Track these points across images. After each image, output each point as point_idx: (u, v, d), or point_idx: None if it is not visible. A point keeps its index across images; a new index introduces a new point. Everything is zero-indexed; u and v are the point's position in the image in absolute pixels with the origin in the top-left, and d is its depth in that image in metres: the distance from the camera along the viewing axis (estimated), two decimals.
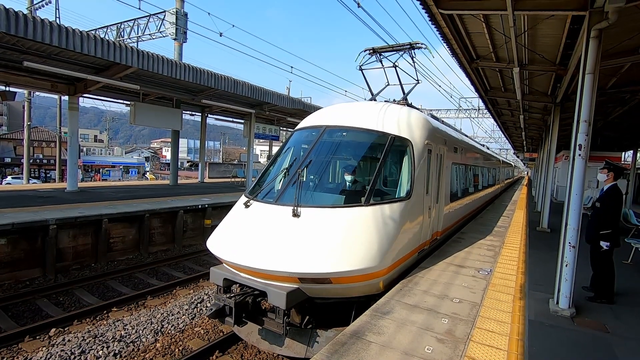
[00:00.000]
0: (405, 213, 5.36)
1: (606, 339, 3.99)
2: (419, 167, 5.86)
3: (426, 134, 6.27)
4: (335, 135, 6.03)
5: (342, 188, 5.73)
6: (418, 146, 5.93)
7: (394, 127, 5.83)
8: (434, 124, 7.10)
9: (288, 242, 4.61)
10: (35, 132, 40.09)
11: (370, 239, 4.76)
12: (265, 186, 5.72)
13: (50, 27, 9.21)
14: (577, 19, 5.56)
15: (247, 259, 4.54)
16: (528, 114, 14.13)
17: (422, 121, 6.41)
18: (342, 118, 6.16)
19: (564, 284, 4.52)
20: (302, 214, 4.85)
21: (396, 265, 5.23)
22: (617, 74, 7.69)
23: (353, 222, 4.83)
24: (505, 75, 9.57)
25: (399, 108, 6.41)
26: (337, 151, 6.12)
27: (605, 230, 4.83)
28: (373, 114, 6.08)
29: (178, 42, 18.13)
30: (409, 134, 5.88)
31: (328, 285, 4.55)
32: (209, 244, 5.17)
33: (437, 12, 5.77)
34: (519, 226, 11.09)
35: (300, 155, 5.92)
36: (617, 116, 11.39)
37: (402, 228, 5.25)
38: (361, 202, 5.06)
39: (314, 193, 5.38)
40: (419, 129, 6.14)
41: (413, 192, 5.58)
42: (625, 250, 7.71)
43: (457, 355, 3.43)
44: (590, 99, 4.30)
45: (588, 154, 4.37)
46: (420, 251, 6.32)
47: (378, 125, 5.81)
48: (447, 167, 7.80)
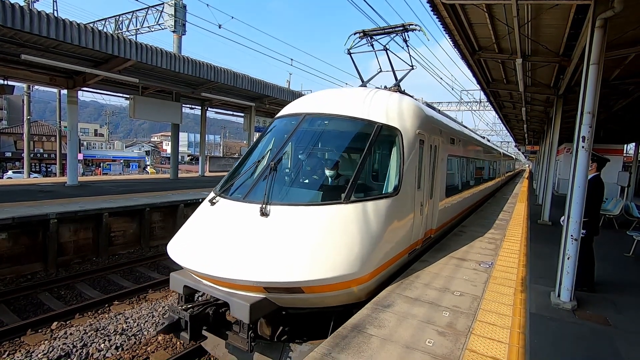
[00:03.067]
0: (393, 211, 4.88)
1: (607, 332, 3.98)
2: (410, 159, 5.36)
3: (418, 123, 5.75)
4: (316, 123, 5.49)
5: (321, 183, 5.12)
6: (408, 136, 5.40)
7: (382, 115, 5.27)
8: (427, 112, 6.54)
9: (253, 245, 4.06)
10: (35, 127, 40.02)
11: (349, 242, 4.24)
12: (236, 181, 5.08)
13: (48, 19, 9.12)
14: (581, 8, 5.46)
15: (206, 266, 3.99)
16: (530, 106, 14.03)
17: (414, 109, 5.85)
18: (324, 105, 5.59)
19: (566, 276, 4.50)
20: (271, 212, 4.30)
21: (381, 269, 4.72)
22: (621, 66, 7.60)
23: (330, 222, 4.29)
24: (508, 66, 9.47)
25: (388, 94, 5.85)
26: (317, 141, 5.53)
27: (584, 219, 4.85)
28: (359, 100, 5.52)
29: (177, 34, 17.97)
30: (398, 123, 5.35)
31: (300, 294, 4.06)
32: (169, 248, 4.56)
33: (439, 3, 5.68)
34: (520, 219, 11.07)
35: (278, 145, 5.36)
36: (620, 108, 11.29)
37: (389, 227, 4.77)
38: (340, 199, 4.49)
39: (288, 189, 4.85)
40: (410, 117, 5.60)
41: (402, 187, 5.09)
42: (627, 243, 7.69)
43: (458, 348, 3.42)
44: (594, 90, 4.23)
45: (591, 146, 4.32)
46: (412, 251, 5.88)
47: (363, 113, 5.25)
48: (443, 159, 7.30)
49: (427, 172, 6.26)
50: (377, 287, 4.88)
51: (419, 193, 5.78)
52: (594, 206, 4.99)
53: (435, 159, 6.81)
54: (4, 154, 39.82)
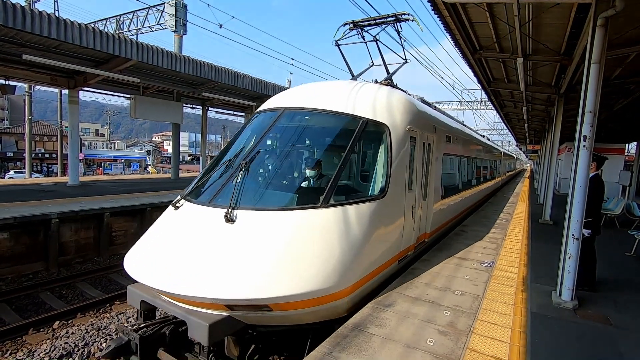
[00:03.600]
0: (379, 215, 4.45)
1: (609, 331, 3.98)
2: (399, 158, 4.94)
3: (409, 119, 5.31)
4: (295, 119, 5.08)
5: (297, 185, 4.73)
6: (397, 132, 4.98)
7: (368, 110, 4.87)
8: (419, 108, 6.13)
9: (214, 256, 3.64)
10: (36, 127, 40.10)
11: (326, 251, 3.80)
12: (205, 182, 4.66)
13: (49, 19, 9.13)
14: (583, 7, 5.45)
15: (160, 281, 3.52)
16: (531, 106, 14.00)
17: (404, 103, 5.43)
18: (306, 99, 5.17)
19: (567, 276, 4.49)
20: (238, 218, 3.87)
21: (364, 281, 4.27)
22: (622, 65, 7.58)
23: (303, 229, 3.86)
24: (509, 66, 9.45)
25: (376, 88, 5.43)
26: (296, 138, 5.09)
27: (587, 219, 4.84)
28: (343, 93, 5.12)
29: (178, 34, 17.99)
30: (386, 118, 4.93)
31: (269, 312, 3.62)
32: (125, 259, 4.06)
33: (440, 2, 5.68)
34: (521, 218, 11.05)
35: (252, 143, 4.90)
36: (621, 107, 11.27)
37: (374, 234, 4.35)
38: (318, 202, 4.04)
39: (259, 191, 4.41)
40: (399, 112, 5.18)
41: (389, 189, 4.65)
42: (629, 242, 7.68)
43: (459, 348, 3.42)
44: (595, 89, 4.23)
45: (593, 145, 4.31)
46: (402, 258, 5.44)
47: (348, 107, 4.84)
48: (438, 158, 6.91)
49: (420, 172, 5.87)
50: (361, 300, 4.38)
51: (410, 195, 5.40)
52: (594, 205, 5.00)
53: (429, 157, 6.43)
54: (6, 154, 39.91)
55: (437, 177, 6.85)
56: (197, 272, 3.49)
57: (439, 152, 7.00)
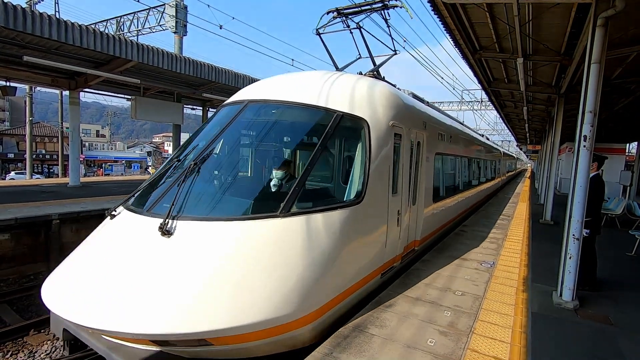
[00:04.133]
0: (354, 223, 3.91)
1: (610, 332, 3.97)
2: (380, 157, 4.41)
3: (392, 113, 4.79)
4: (260, 113, 4.52)
5: (258, 189, 4.17)
6: (378, 128, 4.45)
7: (344, 102, 4.34)
8: (406, 101, 5.56)
9: (142, 279, 2.98)
10: (37, 128, 40.17)
11: (283, 270, 3.22)
12: (152, 186, 4.05)
13: (49, 21, 9.15)
14: (582, 7, 5.45)
15: (76, 311, 2.85)
16: (531, 106, 13.99)
17: (387, 96, 4.90)
18: (274, 90, 4.66)
19: (567, 276, 4.49)
20: (177, 230, 3.25)
21: (336, 302, 3.72)
22: (622, 64, 7.57)
23: (254, 244, 3.27)
24: (509, 66, 9.45)
25: (355, 79, 4.90)
26: (259, 135, 4.59)
27: (586, 218, 4.84)
28: (316, 85, 4.56)
29: (178, 35, 18.01)
30: (365, 112, 4.40)
31: (210, 347, 3.08)
32: (44, 285, 3.26)
33: (440, 2, 5.68)
34: (522, 219, 11.05)
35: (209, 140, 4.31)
36: (622, 107, 11.26)
37: (348, 246, 3.81)
38: (276, 210, 3.44)
39: (209, 197, 3.81)
40: (382, 105, 4.68)
41: (367, 193, 4.10)
42: (630, 242, 7.67)
43: (460, 348, 3.42)
44: (595, 89, 4.23)
45: (593, 145, 4.31)
46: (387, 271, 4.94)
47: (320, 100, 4.30)
48: (429, 158, 6.45)
49: (407, 173, 5.38)
50: (333, 325, 3.82)
51: (394, 199, 4.87)
52: (595, 205, 5.00)
53: (419, 157, 5.95)
54: (7, 155, 39.98)
55: (428, 178, 6.39)
56: (119, 301, 2.85)
57: (431, 151, 6.57)
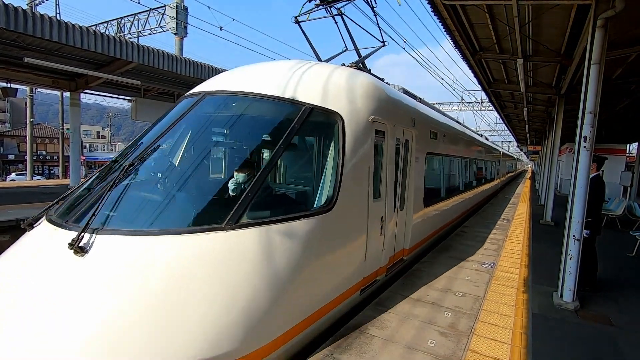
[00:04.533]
0: (323, 235, 3.39)
1: (610, 332, 3.97)
2: (356, 157, 3.88)
3: (373, 107, 4.27)
4: (217, 106, 4.01)
5: (209, 195, 3.49)
6: (355, 124, 3.92)
7: (315, 94, 3.81)
8: (390, 95, 5.01)
9: (40, 314, 2.35)
10: (38, 129, 40.24)
11: (226, 298, 2.61)
12: (84, 192, 3.49)
13: (50, 22, 9.17)
14: (582, 8, 5.46)
15: None
16: (532, 106, 14.00)
17: (368, 88, 4.35)
18: (237, 81, 4.11)
19: (568, 277, 4.49)
20: (93, 248, 2.63)
21: (299, 330, 3.14)
22: (623, 65, 7.58)
23: (189, 264, 2.64)
24: (509, 67, 9.46)
25: (331, 69, 4.32)
26: (215, 132, 4.04)
27: (586, 219, 4.85)
28: (285, 74, 4.00)
29: (179, 36, 18.05)
30: (340, 105, 3.88)
31: None
32: None
33: (440, 3, 5.69)
34: (523, 219, 11.04)
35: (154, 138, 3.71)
36: (622, 108, 11.26)
37: (315, 263, 3.29)
38: (221, 221, 2.82)
39: (144, 205, 3.21)
40: (361, 98, 4.14)
41: (340, 198, 3.54)
42: (630, 242, 7.66)
43: (460, 349, 3.42)
44: (595, 89, 4.23)
45: (593, 146, 4.32)
46: (369, 285, 4.42)
47: (287, 91, 3.76)
48: (419, 158, 5.99)
49: (392, 174, 4.87)
50: (300, 353, 3.30)
51: (376, 205, 4.37)
52: (595, 206, 5.00)
53: (407, 157, 5.52)
54: (7, 157, 40.07)
55: (418, 181, 5.96)
56: (14, 341, 2.25)
57: (421, 150, 6.12)
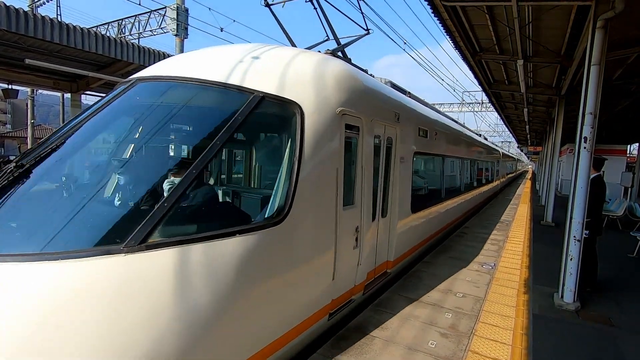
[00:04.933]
0: (270, 254, 2.69)
1: (611, 333, 3.97)
2: (320, 156, 3.18)
3: (344, 98, 3.58)
4: (149, 94, 3.32)
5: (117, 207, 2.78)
6: (319, 116, 3.22)
7: (270, 81, 3.13)
8: (368, 84, 4.28)
9: None
10: (39, 130, 40.23)
11: (119, 344, 1.97)
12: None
13: (51, 24, 9.20)
14: (582, 9, 5.47)
15: None
16: (532, 107, 14.01)
17: (340, 76, 3.67)
18: (179, 66, 3.42)
19: (569, 277, 4.49)
20: None
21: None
22: (623, 66, 7.58)
23: (68, 305, 1.95)
24: (509, 67, 9.47)
25: (295, 53, 3.63)
26: (143, 125, 3.13)
27: (586, 219, 4.85)
28: (236, 58, 3.30)
29: (179, 38, 18.05)
30: (300, 94, 3.19)
31: None
32: None
33: (440, 4, 5.70)
34: (523, 220, 11.04)
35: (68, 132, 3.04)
36: (623, 108, 11.26)
37: (256, 292, 2.58)
38: (121, 241, 2.16)
39: (31, 217, 2.56)
40: (330, 87, 3.46)
41: (296, 207, 2.86)
42: (631, 243, 7.65)
43: (461, 350, 3.42)
44: (595, 90, 4.24)
45: (593, 147, 4.32)
46: (341, 307, 3.79)
47: (234, 76, 3.06)
48: (405, 158, 5.36)
49: (369, 177, 4.18)
50: None
51: (348, 213, 3.72)
52: (594, 206, 5.00)
53: (391, 157, 4.94)
54: (8, 158, 40.08)
55: (404, 184, 5.33)
56: None
57: (408, 150, 5.48)
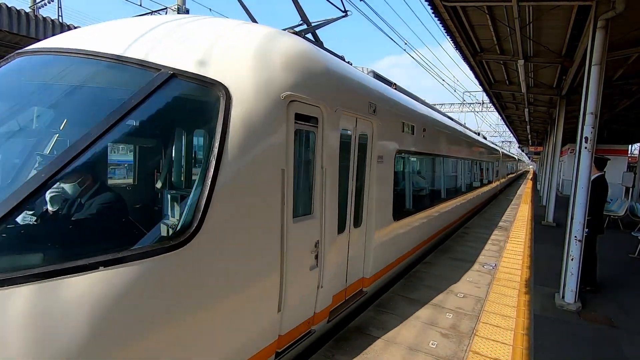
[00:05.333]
0: (165, 291, 2.02)
1: (612, 333, 3.96)
2: (254, 153, 2.50)
3: (294, 81, 2.82)
4: (30, 71, 2.69)
5: None
6: (255, 102, 2.52)
7: (187, 56, 2.44)
8: (332, 68, 3.46)
9: None
10: None
11: None
12: None
13: (53, 25, 9.23)
14: (583, 9, 5.46)
15: None
16: (533, 107, 13.99)
17: (292, 54, 2.92)
18: (78, 38, 2.66)
19: (570, 278, 4.48)
20: None
21: None
22: (624, 66, 7.57)
23: None
24: (510, 68, 9.46)
25: (233, 25, 2.90)
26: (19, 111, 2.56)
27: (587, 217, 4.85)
28: (150, 28, 2.65)
29: None
30: (229, 73, 2.48)
31: None
32: None
33: (440, 4, 5.70)
34: (524, 220, 11.03)
35: None
36: (624, 108, 11.25)
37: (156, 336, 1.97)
38: None
39: None
40: (276, 67, 2.73)
41: (211, 222, 2.19)
42: (633, 243, 7.64)
43: (462, 350, 3.42)
44: (596, 90, 4.24)
45: (594, 147, 4.32)
46: (293, 343, 3.07)
47: (138, 49, 2.40)
48: (386, 158, 4.62)
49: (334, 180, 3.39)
50: None
51: (303, 226, 3.01)
52: (594, 205, 4.98)
53: (365, 156, 4.20)
54: None
55: (383, 188, 4.61)
56: None
57: (388, 148, 4.73)
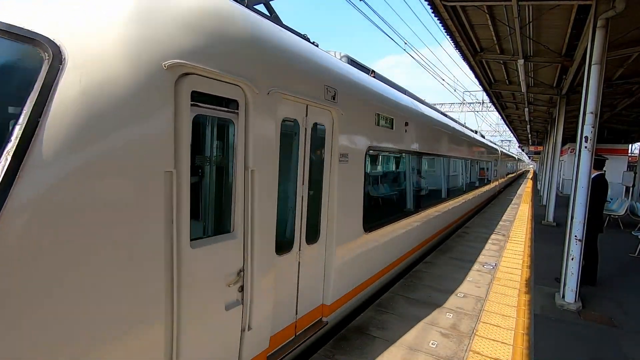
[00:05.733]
0: None
1: (613, 333, 3.96)
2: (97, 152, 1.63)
3: (193, 46, 2.07)
4: None
5: None
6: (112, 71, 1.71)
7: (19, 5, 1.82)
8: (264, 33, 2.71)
9: None
10: None
11: None
12: None
13: None
14: (583, 8, 5.46)
15: None
16: (533, 107, 13.98)
17: (194, 8, 2.15)
18: None
19: (570, 277, 4.48)
20: None
21: None
22: (624, 65, 7.57)
23: None
24: (510, 67, 9.45)
25: None
26: None
27: None
28: None
29: None
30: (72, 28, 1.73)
31: None
32: None
33: (440, 4, 5.69)
34: (524, 220, 11.02)
35: None
36: (624, 108, 11.24)
37: None
38: None
39: None
40: (163, 25, 1.97)
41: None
42: (633, 243, 7.64)
43: (462, 350, 3.41)
44: (596, 90, 4.23)
45: (594, 146, 4.31)
46: None
47: None
48: (353, 156, 3.92)
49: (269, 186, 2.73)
50: None
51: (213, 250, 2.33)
52: (594, 204, 4.98)
53: (322, 154, 3.53)
54: None
55: (348, 194, 3.92)
56: None
57: (355, 144, 4.00)
